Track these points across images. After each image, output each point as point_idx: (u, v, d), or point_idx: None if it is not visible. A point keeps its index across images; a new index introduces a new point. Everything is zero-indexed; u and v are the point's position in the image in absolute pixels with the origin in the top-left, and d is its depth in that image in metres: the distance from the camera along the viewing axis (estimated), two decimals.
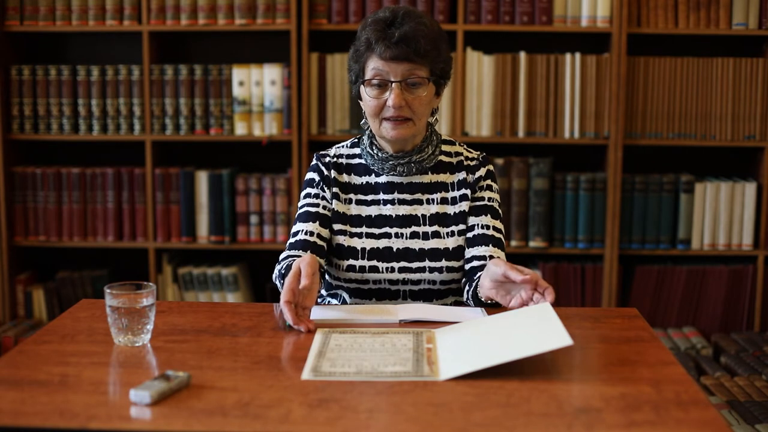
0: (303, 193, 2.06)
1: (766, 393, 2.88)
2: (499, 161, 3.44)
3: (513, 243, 3.47)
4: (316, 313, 1.80)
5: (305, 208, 2.03)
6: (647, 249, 3.49)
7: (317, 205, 2.02)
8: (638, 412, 1.32)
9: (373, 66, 1.90)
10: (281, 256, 2.00)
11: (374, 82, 1.90)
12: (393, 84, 1.89)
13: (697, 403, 1.35)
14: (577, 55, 3.40)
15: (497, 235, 2.01)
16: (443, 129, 3.43)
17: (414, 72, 1.89)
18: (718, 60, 3.40)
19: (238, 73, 3.45)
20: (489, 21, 3.38)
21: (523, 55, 3.41)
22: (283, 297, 1.68)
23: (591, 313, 1.86)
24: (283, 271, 1.90)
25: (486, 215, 2.01)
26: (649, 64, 3.40)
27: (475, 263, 1.97)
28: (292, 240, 2.01)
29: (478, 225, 2.00)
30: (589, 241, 3.47)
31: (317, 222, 2.00)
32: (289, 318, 1.67)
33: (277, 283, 1.95)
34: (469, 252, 1.99)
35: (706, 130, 3.43)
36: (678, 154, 3.61)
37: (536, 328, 1.56)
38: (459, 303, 2.02)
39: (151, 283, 1.64)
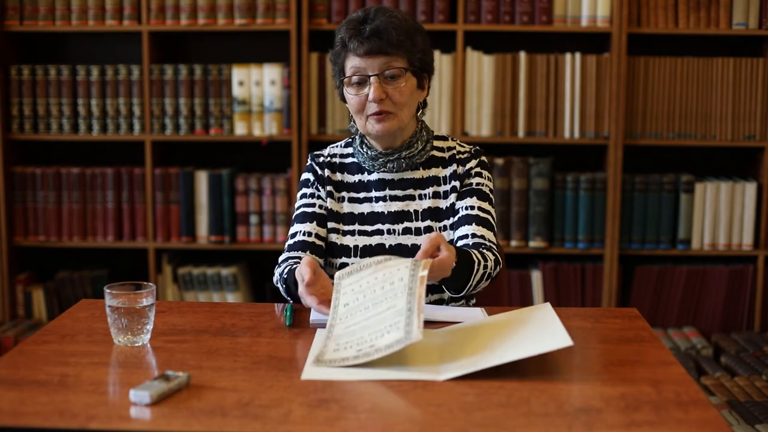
0: (299, 194, 2.07)
1: (766, 393, 2.88)
2: (499, 161, 3.44)
3: (513, 243, 3.46)
4: (316, 314, 1.80)
5: (302, 209, 2.03)
6: (647, 249, 3.49)
7: (313, 205, 2.02)
8: (638, 412, 1.31)
9: (351, 64, 1.92)
10: (281, 258, 2.01)
11: (354, 79, 1.92)
12: (371, 78, 1.90)
13: (697, 403, 1.35)
14: (577, 55, 3.40)
15: (483, 215, 1.98)
16: (443, 129, 3.43)
17: (390, 64, 1.90)
18: (718, 60, 3.40)
19: (238, 73, 3.45)
20: (489, 21, 3.38)
21: (523, 55, 3.41)
22: (312, 305, 1.69)
23: (591, 313, 1.86)
24: (285, 276, 1.91)
25: (472, 197, 1.99)
26: (649, 64, 3.40)
27: (460, 243, 1.95)
28: (290, 241, 2.01)
29: (462, 207, 1.99)
30: (589, 241, 3.47)
31: (314, 222, 2.01)
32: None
33: (279, 286, 1.95)
34: (456, 234, 1.98)
35: (706, 130, 3.43)
36: (678, 154, 3.61)
37: (536, 328, 1.56)
38: (455, 299, 2.02)
39: (150, 283, 1.64)
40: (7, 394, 1.38)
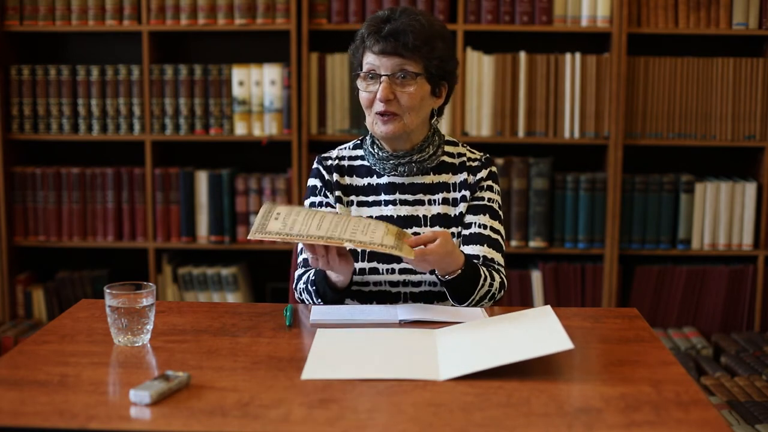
0: (307, 202, 2.05)
1: (766, 393, 2.88)
2: (499, 161, 3.44)
3: (513, 243, 3.47)
4: (317, 314, 1.80)
5: None
6: (647, 249, 3.49)
7: None
8: (638, 412, 1.32)
9: (367, 60, 1.93)
10: (297, 274, 1.99)
11: (366, 75, 1.93)
12: (382, 77, 1.90)
13: (697, 403, 1.35)
14: (577, 55, 3.40)
15: (494, 236, 2.00)
16: (442, 129, 3.43)
17: (403, 67, 1.90)
18: (718, 60, 3.40)
19: (238, 73, 3.45)
20: (489, 21, 3.38)
21: (523, 55, 3.41)
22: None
23: (591, 313, 1.86)
24: (313, 277, 1.91)
25: (484, 215, 2.00)
26: (649, 64, 3.40)
27: None
28: (304, 255, 1.99)
29: (475, 224, 1.99)
30: (589, 241, 3.47)
31: None
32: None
33: (305, 297, 1.95)
34: (464, 250, 1.97)
35: (706, 130, 3.43)
36: (678, 154, 3.61)
37: (537, 330, 1.56)
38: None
39: (150, 283, 1.64)
40: (7, 394, 1.38)
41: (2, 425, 1.28)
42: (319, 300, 1.91)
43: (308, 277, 1.94)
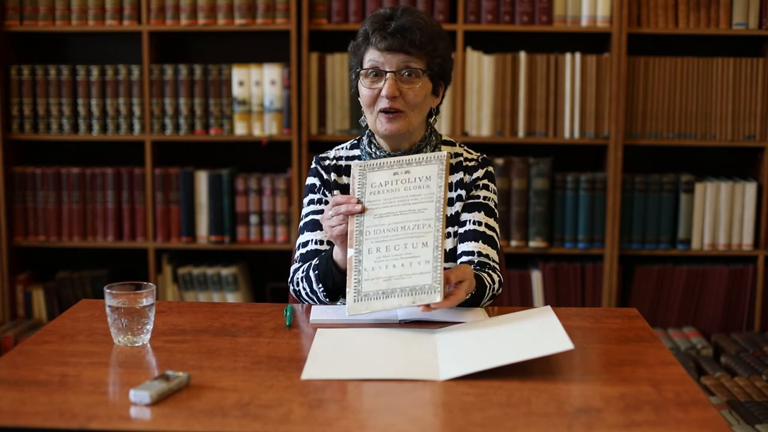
0: (306, 200, 2.04)
1: (766, 393, 2.88)
2: (499, 161, 3.44)
3: (513, 243, 3.47)
4: (316, 314, 1.80)
5: (310, 217, 2.01)
6: (647, 249, 3.49)
7: (321, 212, 2.00)
8: (638, 412, 1.32)
9: (370, 57, 1.92)
10: (293, 268, 1.98)
11: (370, 71, 1.92)
12: (387, 74, 1.90)
13: (697, 403, 1.35)
14: (577, 55, 3.40)
15: (489, 232, 1.99)
16: (443, 129, 3.43)
17: (409, 64, 1.90)
18: (718, 60, 3.40)
19: (238, 73, 3.45)
20: (489, 21, 3.38)
21: (523, 55, 3.41)
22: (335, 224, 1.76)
23: (591, 313, 1.86)
24: (316, 262, 1.88)
25: (479, 212, 2.00)
26: (649, 64, 3.40)
27: (464, 258, 1.96)
28: (303, 251, 1.99)
29: (470, 221, 1.99)
30: (589, 241, 3.47)
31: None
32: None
33: (303, 286, 1.93)
34: (460, 247, 1.98)
35: (706, 130, 3.43)
36: (678, 154, 3.61)
37: (537, 331, 1.56)
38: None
39: (150, 283, 1.64)
40: (7, 394, 1.38)
41: (2, 425, 1.28)
42: (320, 285, 1.88)
43: (309, 265, 1.92)
